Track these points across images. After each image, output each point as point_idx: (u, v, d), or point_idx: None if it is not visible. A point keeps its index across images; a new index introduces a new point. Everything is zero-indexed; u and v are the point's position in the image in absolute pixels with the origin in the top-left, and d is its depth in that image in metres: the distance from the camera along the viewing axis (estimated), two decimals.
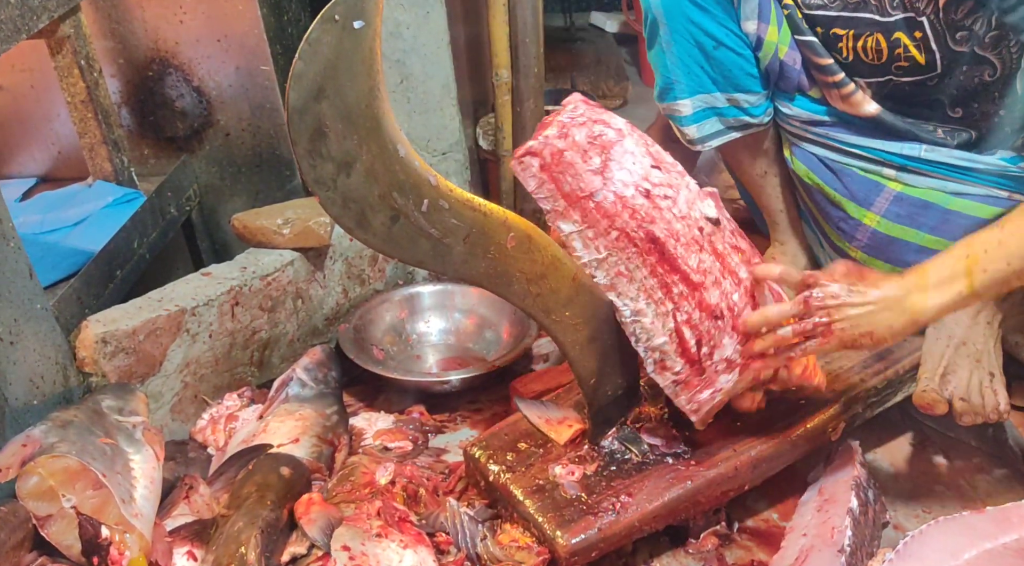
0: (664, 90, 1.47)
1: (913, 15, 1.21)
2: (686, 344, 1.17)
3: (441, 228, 1.05)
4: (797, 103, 1.41)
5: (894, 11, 1.22)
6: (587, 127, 1.09)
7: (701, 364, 1.18)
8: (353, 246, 1.80)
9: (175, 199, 1.89)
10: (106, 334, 1.39)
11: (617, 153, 1.10)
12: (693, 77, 1.43)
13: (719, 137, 1.48)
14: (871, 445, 1.45)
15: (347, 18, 0.90)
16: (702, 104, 1.45)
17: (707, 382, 1.20)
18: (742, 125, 1.46)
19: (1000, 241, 1.04)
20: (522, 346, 1.68)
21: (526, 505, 1.24)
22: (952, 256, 1.08)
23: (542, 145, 1.09)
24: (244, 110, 1.92)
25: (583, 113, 1.11)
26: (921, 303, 1.07)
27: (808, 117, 1.41)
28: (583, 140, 1.09)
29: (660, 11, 1.40)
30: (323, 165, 0.95)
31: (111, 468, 1.14)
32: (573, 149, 1.09)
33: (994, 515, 1.21)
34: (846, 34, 1.29)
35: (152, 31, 1.85)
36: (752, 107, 1.44)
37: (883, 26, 1.25)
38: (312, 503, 1.25)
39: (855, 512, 1.22)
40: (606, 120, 1.11)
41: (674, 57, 1.42)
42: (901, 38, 1.24)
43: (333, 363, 1.63)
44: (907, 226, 1.35)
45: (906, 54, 1.25)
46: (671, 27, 1.40)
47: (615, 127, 1.11)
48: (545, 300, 1.17)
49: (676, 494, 1.24)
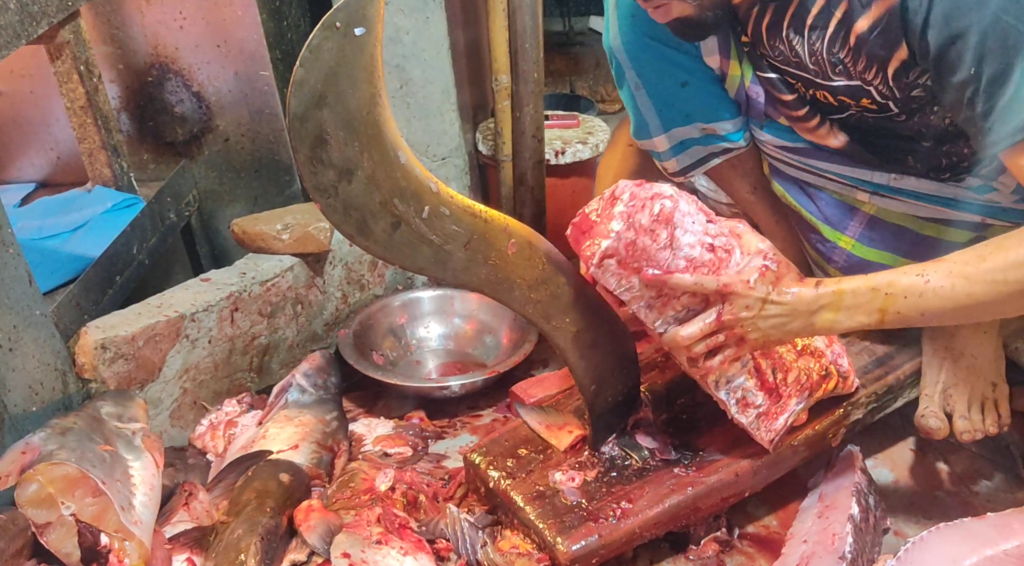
0: (639, 128, 1.47)
1: (859, 84, 1.18)
2: (764, 376, 1.21)
3: (442, 235, 1.04)
4: (767, 130, 1.40)
5: (836, 77, 1.19)
6: (648, 208, 1.10)
7: (778, 391, 1.22)
8: (353, 251, 1.79)
9: (174, 204, 1.89)
10: (105, 340, 1.39)
11: (678, 219, 1.12)
12: (665, 115, 1.43)
13: (701, 165, 1.47)
14: (872, 451, 1.45)
15: (348, 25, 0.90)
16: (678, 137, 1.45)
17: (782, 408, 1.24)
18: (722, 150, 1.46)
19: (921, 293, 1.06)
20: (522, 352, 1.68)
21: (526, 511, 1.24)
22: (871, 287, 1.09)
23: (616, 242, 1.09)
24: (243, 115, 1.92)
25: (638, 195, 1.11)
26: (828, 323, 1.11)
27: (780, 143, 1.40)
28: (648, 222, 1.10)
29: (624, 56, 1.39)
30: (324, 172, 0.94)
31: (110, 475, 1.14)
32: (643, 234, 1.10)
33: (995, 521, 1.21)
34: (796, 83, 1.27)
35: (152, 36, 1.85)
36: (729, 133, 1.43)
37: (826, 87, 1.22)
38: (312, 510, 1.25)
39: (856, 518, 1.21)
40: (659, 192, 1.11)
41: (644, 98, 1.42)
42: (846, 101, 1.22)
43: (333, 369, 1.63)
44: (881, 250, 1.35)
45: (858, 105, 1.22)
46: (637, 70, 1.39)
47: (667, 195, 1.12)
48: (546, 306, 1.17)
49: (677, 500, 1.24)
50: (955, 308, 1.06)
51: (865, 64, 1.15)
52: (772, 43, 1.24)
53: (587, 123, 2.27)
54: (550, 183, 2.06)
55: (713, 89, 1.39)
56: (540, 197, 2.04)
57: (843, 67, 1.17)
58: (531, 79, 1.89)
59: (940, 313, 1.07)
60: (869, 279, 1.10)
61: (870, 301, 1.09)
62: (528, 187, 2.01)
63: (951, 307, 1.06)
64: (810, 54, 1.20)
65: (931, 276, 1.06)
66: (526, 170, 2.00)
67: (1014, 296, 1.04)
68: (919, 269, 1.08)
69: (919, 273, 1.07)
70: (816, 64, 1.20)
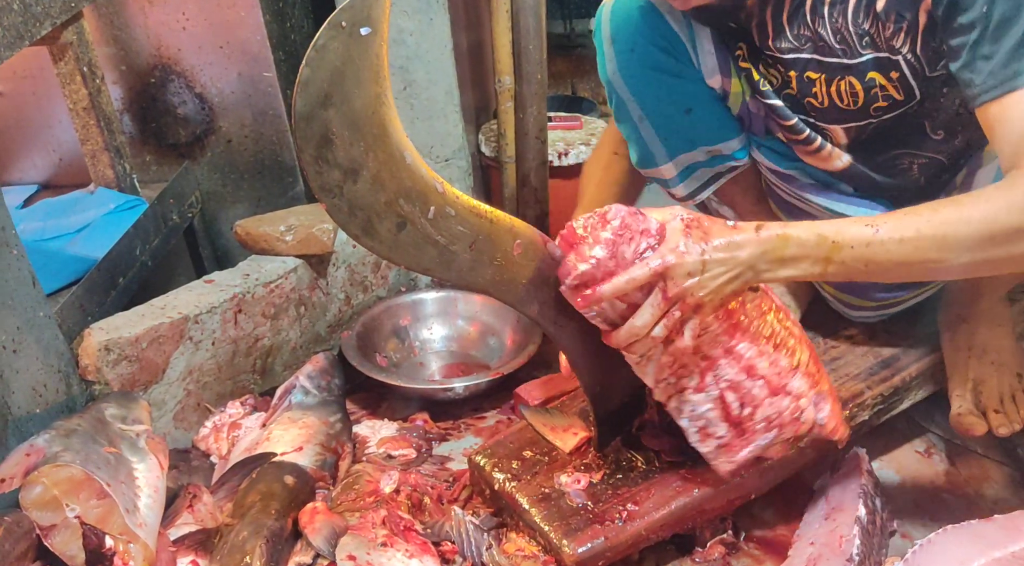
0: (643, 158, 1.45)
1: (888, 54, 1.16)
2: (728, 408, 1.16)
3: (447, 235, 1.04)
4: (762, 151, 1.40)
5: (864, 50, 1.17)
6: (635, 243, 1.06)
7: (742, 425, 1.17)
8: (356, 253, 1.79)
9: (177, 206, 1.89)
10: (109, 342, 1.39)
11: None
12: (671, 143, 1.41)
13: (709, 187, 1.47)
14: (877, 453, 1.44)
15: (354, 25, 0.89)
16: (685, 163, 1.44)
17: (745, 442, 1.19)
18: (728, 169, 1.45)
19: (869, 243, 1.02)
20: (526, 353, 1.67)
21: (532, 514, 1.23)
22: (816, 234, 1.04)
23: (595, 269, 1.06)
24: (246, 117, 1.92)
25: (629, 226, 1.06)
26: (771, 273, 1.06)
27: (772, 167, 1.40)
28: (631, 256, 1.06)
29: (626, 90, 1.37)
30: (329, 172, 0.94)
31: (115, 477, 1.13)
32: (622, 267, 1.06)
33: (1002, 523, 1.20)
34: (819, 78, 1.24)
35: (155, 38, 1.85)
36: (735, 152, 1.42)
37: (854, 69, 1.19)
38: (317, 512, 1.25)
39: (863, 521, 1.21)
40: (647, 229, 1.07)
41: (648, 129, 1.40)
42: (876, 78, 1.19)
43: (336, 370, 1.62)
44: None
45: (883, 93, 1.20)
46: (640, 102, 1.38)
47: (654, 233, 1.07)
48: (551, 308, 1.17)
49: (683, 502, 1.23)
50: (900, 262, 1.02)
51: (893, 28, 1.13)
52: (796, 32, 1.21)
53: (590, 125, 2.26)
54: (553, 184, 2.06)
55: (717, 110, 1.38)
56: (543, 198, 2.04)
57: (870, 38, 1.15)
58: (534, 80, 1.89)
59: (885, 266, 1.03)
60: (816, 226, 1.05)
61: (816, 248, 1.04)
62: (531, 188, 2.01)
63: (897, 261, 1.02)
64: (834, 32, 1.18)
65: (881, 227, 1.02)
66: (529, 171, 1.99)
67: (961, 252, 1.00)
68: (869, 220, 1.04)
69: (868, 223, 1.03)
70: (842, 41, 1.18)
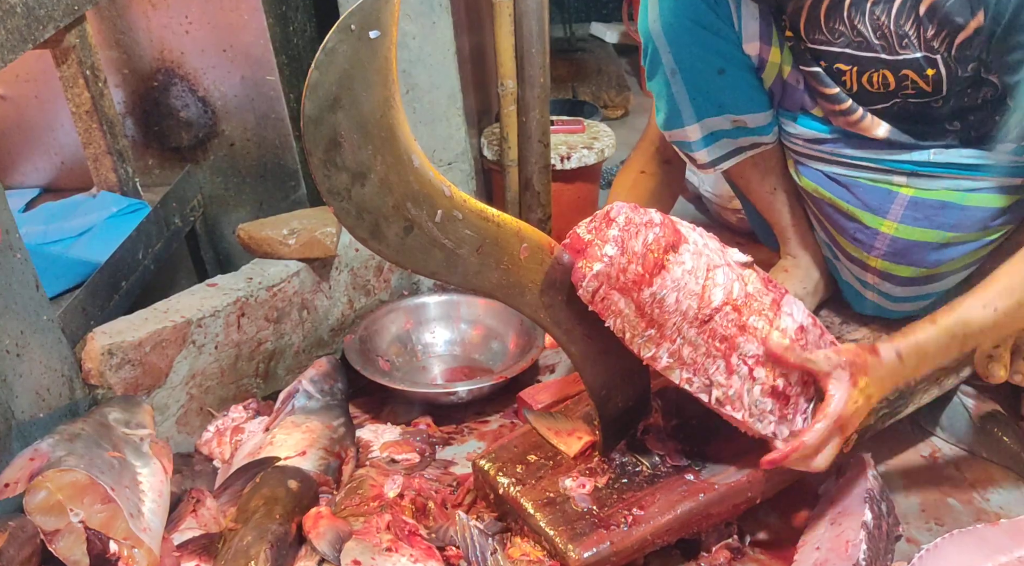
0: (669, 117, 1.46)
1: (927, 53, 1.21)
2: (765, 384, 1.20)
3: (454, 238, 1.04)
4: (800, 122, 1.41)
5: (903, 50, 1.22)
6: (642, 235, 1.10)
7: (784, 393, 1.21)
8: (359, 256, 1.79)
9: (179, 210, 1.88)
10: (112, 346, 1.38)
11: (679, 249, 1.12)
12: (699, 103, 1.42)
13: (730, 159, 1.47)
14: (883, 457, 1.44)
15: (363, 28, 0.89)
16: (710, 128, 1.44)
17: (794, 406, 1.22)
18: (751, 145, 1.46)
19: (994, 324, 1.16)
20: (529, 357, 1.67)
21: (536, 518, 1.23)
22: (948, 335, 1.17)
23: (609, 267, 1.09)
24: (249, 120, 1.92)
25: (633, 220, 1.11)
26: (913, 377, 1.24)
27: (813, 136, 1.40)
28: (641, 249, 1.10)
29: (663, 40, 1.39)
30: (338, 175, 0.94)
31: (119, 482, 1.13)
32: (635, 261, 1.10)
33: (1008, 528, 1.20)
34: (849, 70, 1.28)
35: (158, 41, 1.85)
36: (760, 127, 1.43)
37: (890, 64, 1.24)
38: (321, 517, 1.24)
39: (869, 525, 1.21)
40: (651, 220, 1.12)
41: (679, 85, 1.41)
42: (909, 74, 1.24)
43: (339, 374, 1.62)
44: (927, 227, 1.34)
45: (914, 86, 1.25)
46: (675, 55, 1.39)
47: (658, 223, 1.12)
48: (557, 311, 1.17)
49: (688, 507, 1.23)
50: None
51: (935, 32, 1.18)
52: (831, 26, 1.26)
53: (592, 128, 2.26)
54: (556, 188, 2.06)
55: (749, 78, 1.40)
56: (546, 202, 2.03)
57: (909, 39, 1.20)
58: (537, 84, 1.89)
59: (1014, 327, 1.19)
60: (941, 326, 1.17)
61: (948, 349, 1.18)
62: (534, 192, 2.01)
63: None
64: (874, 29, 1.23)
65: (998, 305, 1.15)
66: (532, 175, 1.99)
67: None
68: (984, 300, 1.15)
69: (985, 304, 1.15)
70: (883, 38, 1.23)
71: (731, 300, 1.14)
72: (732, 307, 1.14)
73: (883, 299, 1.46)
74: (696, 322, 1.13)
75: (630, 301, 1.11)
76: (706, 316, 1.13)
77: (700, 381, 1.18)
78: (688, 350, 1.15)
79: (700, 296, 1.13)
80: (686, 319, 1.13)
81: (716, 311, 1.13)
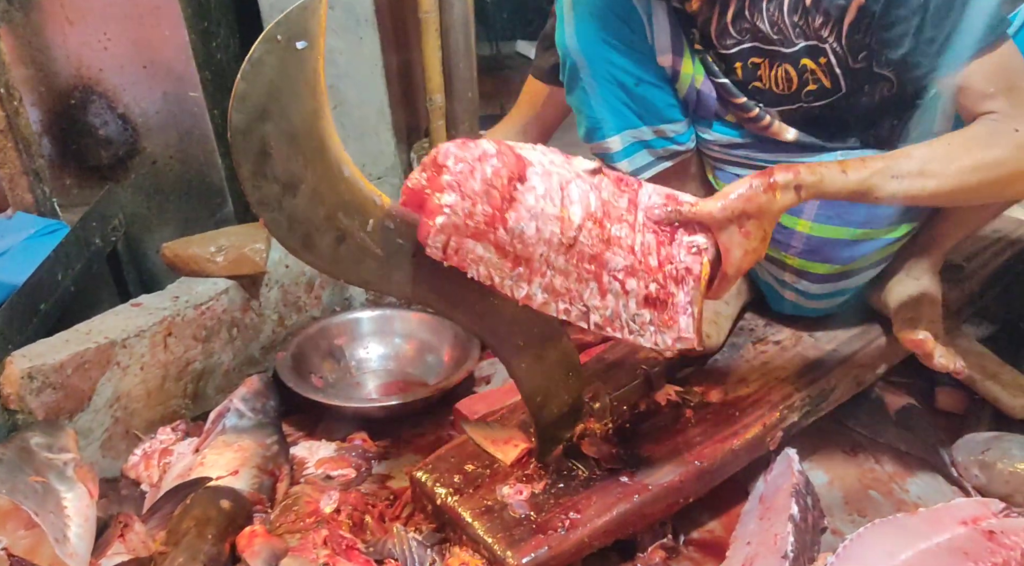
0: (591, 130, 1.50)
1: (816, 42, 1.27)
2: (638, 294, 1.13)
3: (387, 248, 1.04)
4: (716, 129, 1.47)
5: (797, 40, 1.29)
6: (478, 171, 1.00)
7: (657, 298, 1.14)
8: (289, 273, 1.77)
9: (100, 229, 1.83)
10: (32, 369, 1.34)
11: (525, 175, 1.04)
12: (618, 115, 1.46)
13: (651, 168, 1.52)
14: (807, 453, 1.49)
15: (290, 38, 0.90)
16: (631, 139, 1.49)
17: (673, 310, 1.15)
18: (671, 154, 1.51)
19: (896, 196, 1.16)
20: (464, 369, 1.67)
21: (475, 527, 1.23)
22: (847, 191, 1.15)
23: (452, 216, 0.98)
24: (172, 137, 1.88)
25: (465, 158, 1.00)
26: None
27: (728, 141, 1.46)
28: (481, 187, 1.00)
29: (580, 56, 1.43)
30: (268, 186, 0.94)
31: (43, 507, 1.09)
32: (480, 200, 1.00)
33: (926, 516, 1.25)
34: (763, 62, 1.35)
35: (75, 58, 1.80)
36: (678, 135, 1.49)
37: (789, 57, 1.31)
38: (255, 535, 1.22)
39: (796, 518, 1.24)
40: (485, 151, 1.01)
41: (598, 98, 1.46)
42: (807, 64, 1.30)
43: (271, 392, 1.59)
44: (838, 225, 1.41)
45: (813, 77, 1.31)
46: (592, 70, 1.43)
47: (493, 153, 1.01)
48: (491, 320, 1.18)
49: (624, 508, 1.25)
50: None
51: (823, 20, 1.25)
52: (738, 27, 1.33)
53: None
54: None
55: (665, 89, 1.45)
56: None
57: (800, 29, 1.27)
58: (465, 98, 1.91)
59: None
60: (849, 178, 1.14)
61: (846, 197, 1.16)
62: None
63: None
64: (771, 24, 1.29)
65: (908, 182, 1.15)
66: None
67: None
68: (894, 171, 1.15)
69: (895, 176, 1.15)
70: (778, 32, 1.30)
71: (591, 214, 1.07)
72: (593, 221, 1.08)
73: (801, 297, 1.52)
74: (562, 248, 1.06)
75: (488, 244, 1.03)
76: (571, 239, 1.06)
77: (577, 309, 1.11)
78: (560, 280, 1.09)
79: (560, 219, 1.05)
80: (551, 247, 1.06)
81: (579, 230, 1.06)
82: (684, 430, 1.37)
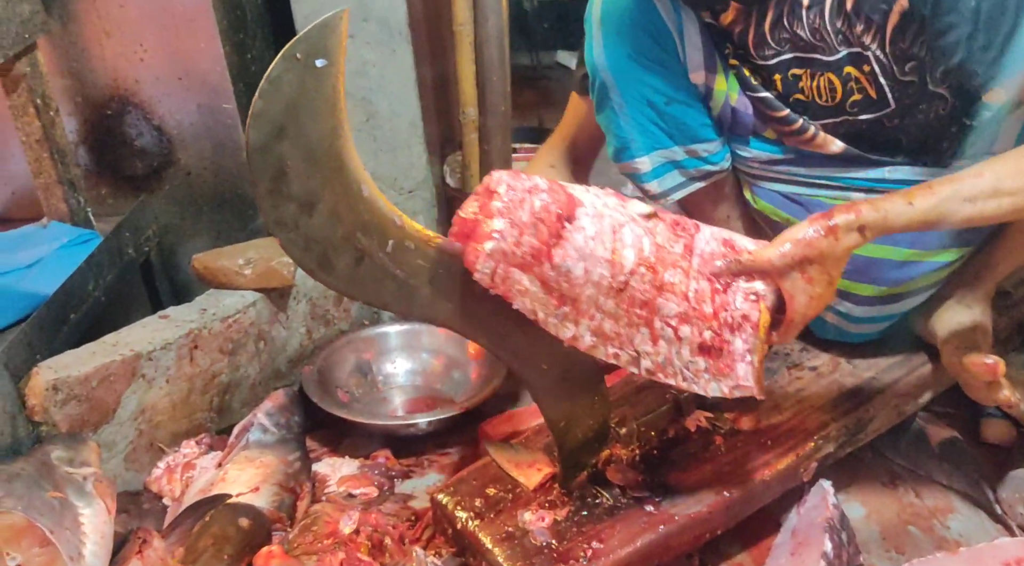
0: (620, 150, 1.46)
1: (859, 50, 1.22)
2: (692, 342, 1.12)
3: (406, 269, 1.02)
4: (753, 145, 1.42)
5: (840, 47, 1.24)
6: (528, 202, 1.00)
7: (713, 346, 1.12)
8: (317, 286, 1.76)
9: (133, 240, 1.85)
10: (57, 381, 1.34)
11: (574, 213, 1.03)
12: (649, 134, 1.42)
13: (682, 189, 1.47)
14: (843, 485, 1.43)
15: (309, 56, 0.88)
16: (661, 159, 1.45)
17: (729, 357, 1.13)
18: (703, 174, 1.46)
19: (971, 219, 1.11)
20: (491, 387, 1.65)
21: (495, 554, 1.20)
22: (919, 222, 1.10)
23: (500, 242, 0.98)
24: (206, 149, 1.89)
25: (516, 187, 1.01)
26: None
27: (767, 157, 1.41)
28: (529, 218, 1.00)
29: (609, 74, 1.39)
30: (285, 205, 0.92)
31: (59, 524, 1.09)
32: (527, 231, 1.00)
33: (968, 556, 1.20)
34: (804, 73, 1.30)
35: (111, 69, 1.83)
36: (711, 155, 1.44)
37: (832, 65, 1.26)
38: (272, 556, 1.21)
39: (829, 555, 1.20)
40: (536, 185, 1.02)
41: (628, 118, 1.42)
42: (851, 72, 1.25)
43: (296, 407, 1.58)
44: (886, 244, 1.34)
45: (858, 86, 1.26)
46: (622, 89, 1.39)
47: (544, 188, 1.02)
48: (513, 341, 1.15)
49: (648, 539, 1.21)
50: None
51: (864, 26, 1.19)
52: (777, 37, 1.28)
53: None
54: None
55: (697, 107, 1.41)
56: None
57: (843, 36, 1.22)
58: (498, 112, 1.89)
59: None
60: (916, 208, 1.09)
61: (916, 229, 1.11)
62: None
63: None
64: (812, 31, 1.24)
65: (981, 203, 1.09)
66: None
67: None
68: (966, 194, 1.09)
69: (967, 199, 1.09)
70: (820, 40, 1.24)
71: (643, 259, 1.06)
72: (646, 267, 1.06)
73: (843, 320, 1.46)
74: (612, 292, 1.05)
75: (533, 277, 1.02)
76: (622, 283, 1.05)
77: (628, 354, 1.10)
78: (609, 323, 1.08)
79: (611, 262, 1.04)
80: (601, 289, 1.05)
81: (631, 275, 1.05)
82: (714, 458, 1.33)
